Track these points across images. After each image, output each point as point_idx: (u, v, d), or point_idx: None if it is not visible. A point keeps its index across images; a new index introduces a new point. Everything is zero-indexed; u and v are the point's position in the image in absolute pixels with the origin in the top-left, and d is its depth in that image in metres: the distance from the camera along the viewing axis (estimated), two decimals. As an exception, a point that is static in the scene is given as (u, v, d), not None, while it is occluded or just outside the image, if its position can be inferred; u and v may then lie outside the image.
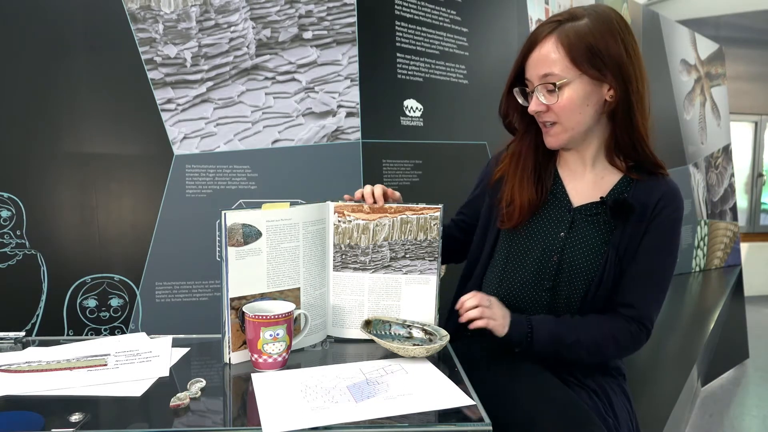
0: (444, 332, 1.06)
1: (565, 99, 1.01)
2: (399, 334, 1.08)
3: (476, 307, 1.02)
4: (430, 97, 1.82)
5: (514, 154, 1.16)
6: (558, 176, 1.14)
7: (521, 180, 1.12)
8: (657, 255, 1.05)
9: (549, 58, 1.00)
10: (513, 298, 1.12)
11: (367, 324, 1.08)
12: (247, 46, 1.55)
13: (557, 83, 1.00)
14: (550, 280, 1.09)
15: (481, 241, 1.22)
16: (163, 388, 0.88)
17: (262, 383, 0.89)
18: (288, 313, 0.96)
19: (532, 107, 1.05)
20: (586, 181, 1.12)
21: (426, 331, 1.08)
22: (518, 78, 1.08)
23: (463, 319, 1.02)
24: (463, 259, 1.28)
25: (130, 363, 0.96)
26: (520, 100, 1.08)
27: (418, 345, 1.03)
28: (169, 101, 1.50)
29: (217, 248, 1.51)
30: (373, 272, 1.13)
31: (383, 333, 1.08)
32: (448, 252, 1.23)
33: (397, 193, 1.15)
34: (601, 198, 1.07)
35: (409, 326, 1.09)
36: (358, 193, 1.13)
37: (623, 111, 1.02)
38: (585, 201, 1.10)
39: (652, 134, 1.07)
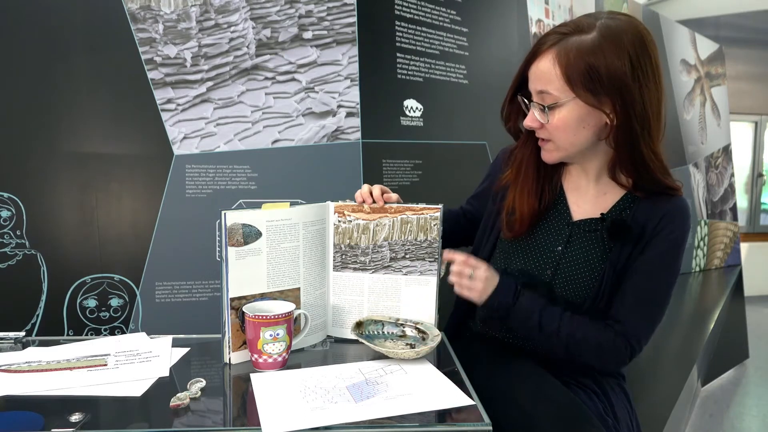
0: (436, 332, 1.05)
1: (558, 120, 0.97)
2: (391, 333, 1.08)
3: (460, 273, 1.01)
4: (430, 97, 1.82)
5: (516, 161, 1.13)
6: (562, 188, 1.12)
7: (522, 190, 1.09)
8: (651, 275, 1.01)
9: (545, 75, 0.96)
10: None
11: (359, 326, 1.07)
12: (247, 46, 1.55)
13: (548, 105, 0.96)
14: (543, 295, 1.05)
15: (480, 245, 1.21)
16: (163, 388, 0.88)
17: (262, 383, 0.89)
18: (288, 313, 0.96)
19: (527, 122, 1.02)
20: (589, 195, 1.08)
21: (419, 330, 1.08)
22: (523, 83, 1.04)
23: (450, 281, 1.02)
24: (470, 243, 1.27)
25: (130, 363, 0.96)
26: (524, 107, 1.04)
27: (410, 344, 1.04)
28: (169, 101, 1.50)
29: (217, 248, 1.51)
30: (373, 272, 1.13)
31: (375, 333, 1.08)
32: (453, 235, 1.20)
33: (394, 195, 1.14)
34: (602, 215, 1.04)
35: (401, 324, 1.09)
36: (358, 198, 1.13)
37: (624, 137, 0.96)
38: (585, 216, 1.08)
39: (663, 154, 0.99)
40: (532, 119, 1.01)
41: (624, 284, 1.02)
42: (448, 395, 0.85)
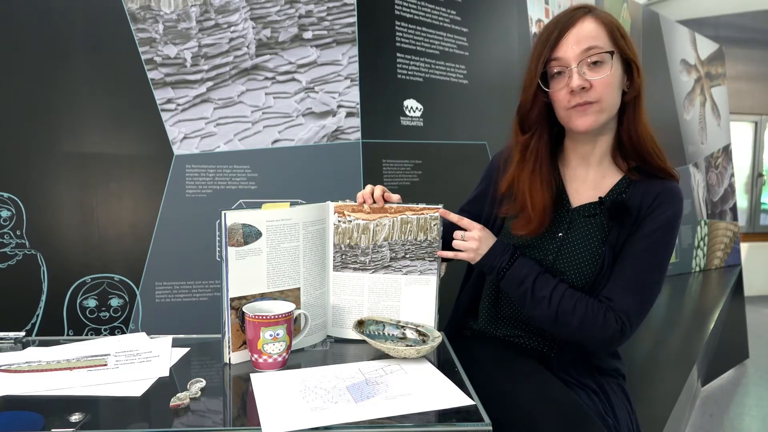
0: (437, 333, 1.05)
1: (609, 76, 1.00)
2: (392, 335, 1.08)
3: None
4: (430, 97, 1.82)
5: (531, 155, 1.10)
6: (560, 177, 1.13)
7: (536, 183, 1.08)
8: (643, 253, 1.03)
9: (592, 32, 1.01)
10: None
11: (360, 324, 1.07)
12: (247, 46, 1.55)
13: (600, 58, 1.00)
14: None
15: None
16: (163, 388, 0.88)
17: (262, 383, 0.89)
18: (288, 313, 0.96)
19: (577, 82, 0.99)
20: (588, 181, 1.11)
21: (419, 332, 1.08)
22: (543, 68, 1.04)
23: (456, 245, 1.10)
24: None
25: (130, 363, 0.96)
26: (543, 86, 1.04)
27: (410, 345, 1.04)
28: (169, 101, 1.50)
29: (217, 248, 1.51)
30: (373, 272, 1.13)
31: (376, 333, 1.08)
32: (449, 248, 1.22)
33: (395, 196, 1.14)
34: (600, 198, 1.07)
35: (402, 327, 1.09)
36: (359, 198, 1.13)
37: (633, 105, 1.04)
38: (583, 201, 1.10)
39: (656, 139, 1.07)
40: (582, 79, 1.00)
41: (618, 263, 1.04)
42: (448, 395, 0.85)
